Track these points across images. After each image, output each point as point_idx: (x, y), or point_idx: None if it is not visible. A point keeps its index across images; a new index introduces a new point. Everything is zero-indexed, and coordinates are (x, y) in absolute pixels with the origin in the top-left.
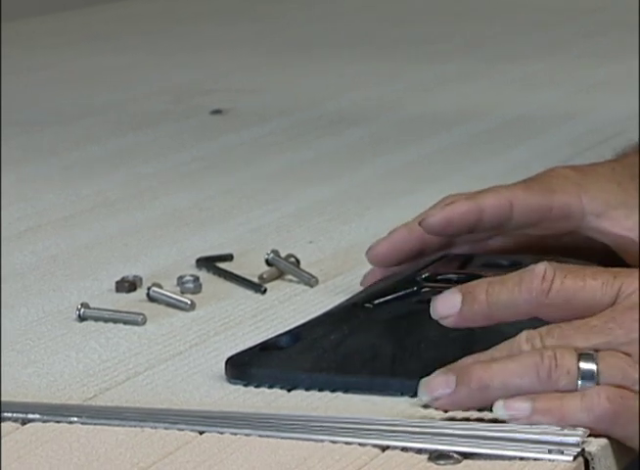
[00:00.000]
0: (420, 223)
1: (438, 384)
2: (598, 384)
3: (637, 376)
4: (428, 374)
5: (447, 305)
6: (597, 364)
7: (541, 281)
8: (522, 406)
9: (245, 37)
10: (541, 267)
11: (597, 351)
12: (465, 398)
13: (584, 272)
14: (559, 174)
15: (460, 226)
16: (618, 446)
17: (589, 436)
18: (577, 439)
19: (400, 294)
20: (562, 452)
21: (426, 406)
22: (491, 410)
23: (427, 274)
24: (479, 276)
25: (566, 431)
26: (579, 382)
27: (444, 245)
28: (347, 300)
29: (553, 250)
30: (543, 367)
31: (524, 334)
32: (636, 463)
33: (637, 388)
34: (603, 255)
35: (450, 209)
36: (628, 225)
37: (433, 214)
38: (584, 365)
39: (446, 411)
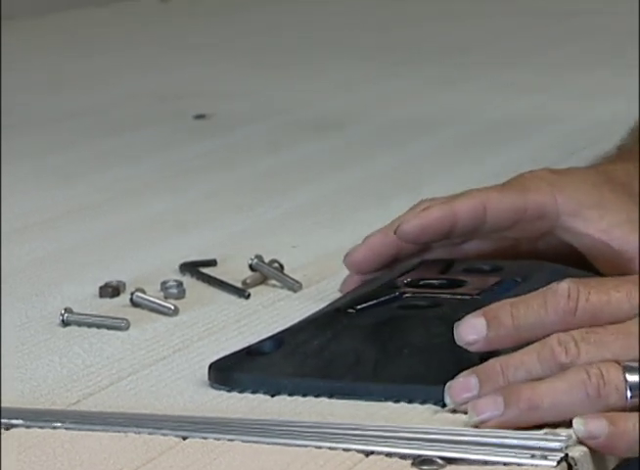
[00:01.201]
0: (395, 232)
1: (487, 405)
2: None
3: None
4: (412, 379)
5: (473, 331)
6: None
7: (567, 301)
8: (600, 425)
9: (228, 42)
10: (565, 286)
11: (639, 361)
12: (514, 419)
13: (607, 286)
14: (533, 176)
15: (435, 232)
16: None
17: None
18: (561, 444)
19: (383, 299)
20: (545, 457)
21: (409, 411)
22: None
23: (409, 279)
24: (460, 281)
25: (549, 436)
26: (628, 395)
27: (421, 250)
28: (330, 305)
29: (528, 254)
30: (592, 386)
31: (554, 337)
32: (623, 468)
33: None
34: (577, 260)
35: (424, 215)
36: (602, 226)
37: (407, 222)
38: (631, 378)
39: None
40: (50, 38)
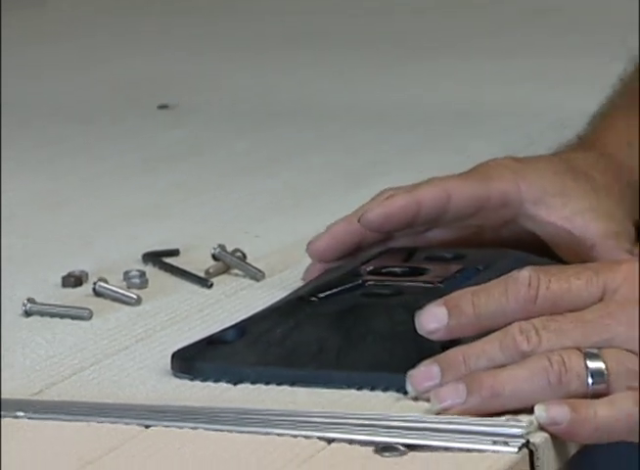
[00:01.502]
0: (358, 220)
1: (449, 393)
2: (608, 384)
3: None
4: (374, 367)
5: (434, 320)
6: (605, 363)
7: (528, 289)
8: (562, 411)
9: (191, 32)
10: (525, 274)
11: (599, 348)
12: (476, 406)
13: (567, 273)
14: (496, 163)
15: (398, 221)
16: None
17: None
18: (522, 430)
19: (345, 287)
20: (506, 444)
21: (371, 399)
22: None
23: (371, 267)
24: (423, 269)
25: (510, 422)
26: (590, 382)
27: (384, 238)
28: (293, 293)
29: (492, 242)
30: (553, 373)
31: (516, 325)
32: (584, 454)
33: None
34: (540, 248)
35: (388, 203)
36: (565, 214)
37: (370, 210)
38: (592, 365)
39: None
40: (15, 28)
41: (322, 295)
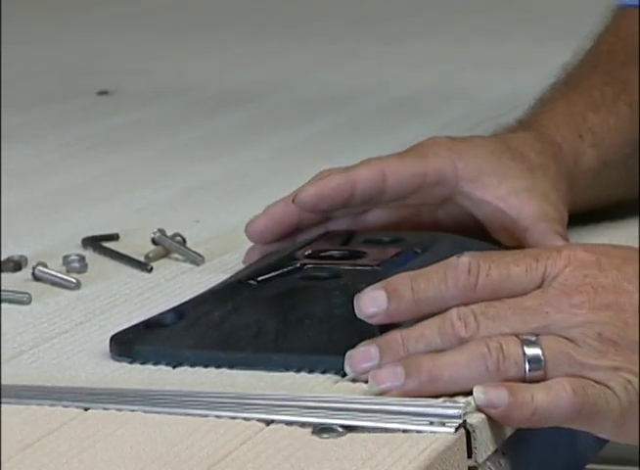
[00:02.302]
0: (293, 200)
1: (387, 375)
2: (545, 370)
3: (582, 360)
4: (312, 350)
5: (373, 304)
6: (542, 350)
7: (467, 276)
8: (500, 394)
9: (130, 17)
10: (465, 261)
11: (537, 335)
12: (414, 390)
13: (506, 260)
14: (433, 142)
15: (333, 200)
16: None
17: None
18: (459, 411)
19: (284, 271)
20: (443, 424)
21: (309, 381)
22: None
23: (310, 251)
24: (361, 252)
25: (447, 403)
26: (527, 368)
27: (322, 219)
28: (231, 277)
29: (430, 225)
30: (491, 359)
31: (454, 311)
32: (521, 435)
33: (588, 374)
34: (476, 230)
35: (322, 183)
36: (500, 193)
37: (304, 190)
38: (529, 351)
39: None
40: None
41: (260, 278)
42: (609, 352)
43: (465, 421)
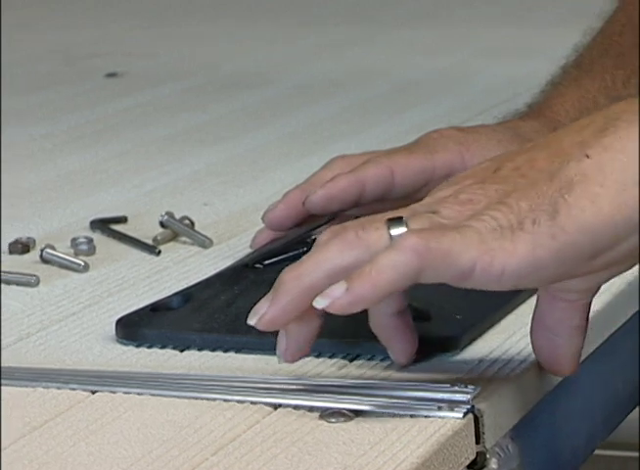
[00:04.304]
0: (303, 203)
1: (259, 308)
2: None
3: (444, 222)
4: (319, 334)
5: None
6: (405, 217)
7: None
8: (337, 288)
9: (138, 0)
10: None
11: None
12: (288, 305)
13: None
14: (441, 134)
15: (343, 201)
16: (509, 403)
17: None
18: (468, 396)
19: (290, 254)
20: (452, 409)
21: (317, 365)
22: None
23: (316, 235)
24: None
25: (456, 388)
26: (392, 233)
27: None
28: (238, 261)
29: None
30: (350, 232)
31: (325, 231)
32: (529, 420)
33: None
34: None
35: (330, 186)
36: None
37: (314, 193)
38: (392, 217)
39: (341, 369)
40: None
41: (267, 262)
42: (465, 205)
43: (473, 406)
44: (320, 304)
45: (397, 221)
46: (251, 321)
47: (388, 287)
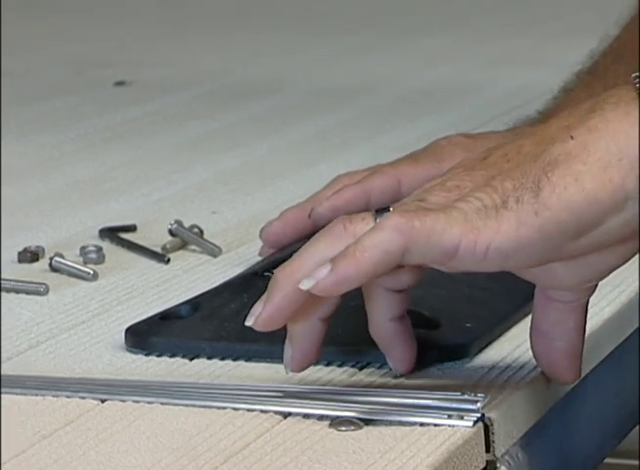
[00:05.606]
0: (309, 216)
1: (255, 309)
2: None
3: (430, 207)
4: (329, 342)
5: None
6: (392, 207)
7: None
8: (322, 269)
9: (148, 8)
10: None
11: None
12: (282, 302)
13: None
14: (449, 141)
15: (349, 213)
16: (519, 412)
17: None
18: (477, 405)
19: None
20: (462, 418)
21: (326, 374)
22: None
23: None
24: None
25: (466, 397)
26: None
27: None
28: (248, 269)
29: None
30: (337, 226)
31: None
32: (539, 429)
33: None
34: None
35: (336, 197)
36: None
37: (320, 205)
38: (379, 208)
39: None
40: None
41: (276, 270)
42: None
43: (483, 415)
44: (305, 285)
45: (384, 211)
46: (249, 322)
47: (372, 267)
